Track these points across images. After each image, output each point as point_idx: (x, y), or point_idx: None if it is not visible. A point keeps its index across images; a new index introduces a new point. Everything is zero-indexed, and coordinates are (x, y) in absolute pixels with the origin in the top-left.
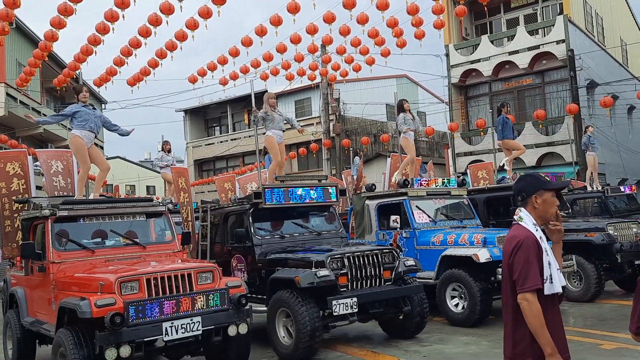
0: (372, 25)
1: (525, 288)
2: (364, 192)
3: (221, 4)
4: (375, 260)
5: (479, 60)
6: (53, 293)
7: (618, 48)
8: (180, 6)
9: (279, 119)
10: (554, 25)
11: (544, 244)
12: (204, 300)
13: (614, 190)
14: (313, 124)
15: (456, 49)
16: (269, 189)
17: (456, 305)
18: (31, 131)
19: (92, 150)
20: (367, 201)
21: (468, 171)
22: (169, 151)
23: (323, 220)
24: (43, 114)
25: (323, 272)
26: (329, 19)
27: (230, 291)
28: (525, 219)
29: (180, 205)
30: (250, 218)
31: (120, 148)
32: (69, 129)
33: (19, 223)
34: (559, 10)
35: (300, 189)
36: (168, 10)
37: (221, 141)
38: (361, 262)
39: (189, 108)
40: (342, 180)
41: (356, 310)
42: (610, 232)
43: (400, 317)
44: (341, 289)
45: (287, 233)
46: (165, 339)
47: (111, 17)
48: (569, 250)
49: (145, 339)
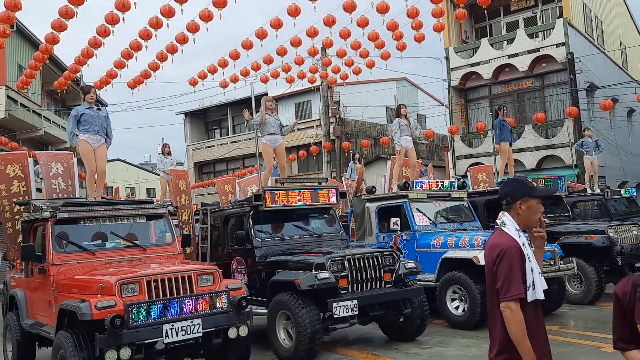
0: (372, 28)
1: (508, 297)
2: (364, 195)
3: (222, 7)
4: (376, 263)
5: (478, 63)
6: (53, 295)
7: (618, 51)
8: (181, 9)
9: (274, 123)
10: (553, 28)
11: (527, 250)
12: (204, 303)
13: (614, 193)
14: (313, 126)
15: (456, 52)
16: (269, 192)
17: (456, 307)
18: (32, 133)
19: (98, 150)
20: (368, 204)
21: (468, 174)
22: (169, 154)
23: (323, 223)
24: (44, 116)
25: (323, 275)
26: (330, 21)
27: (231, 293)
28: (508, 224)
29: (180, 208)
30: (250, 220)
31: (121, 150)
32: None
33: (20, 225)
34: (558, 14)
35: (300, 191)
36: (169, 13)
37: (221, 144)
38: (361, 265)
39: (190, 111)
40: (342, 182)
41: (356, 312)
42: (611, 235)
43: (401, 320)
44: (341, 292)
45: (288, 235)
46: (165, 341)
47: (112, 20)
48: (570, 252)
49: (145, 341)
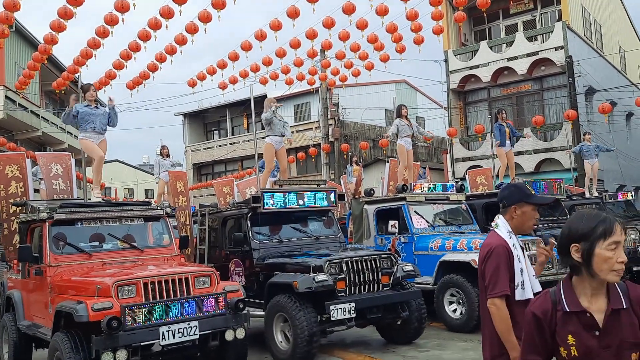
0: (372, 30)
1: (493, 294)
2: (363, 197)
3: (221, 8)
4: (374, 266)
5: (477, 66)
6: (50, 296)
7: (616, 55)
8: (180, 10)
9: (279, 124)
10: (552, 31)
11: (517, 251)
12: (201, 305)
13: (612, 196)
14: (312, 128)
15: (455, 55)
16: (268, 193)
17: (454, 310)
18: (30, 134)
19: (99, 144)
20: (366, 206)
21: (466, 177)
22: (167, 156)
23: (321, 225)
24: (43, 117)
25: (321, 277)
26: (329, 24)
27: (228, 295)
28: (500, 226)
29: (178, 209)
30: (248, 222)
31: (119, 151)
32: (68, 132)
33: (16, 226)
34: (557, 17)
35: (298, 193)
36: (168, 14)
37: (220, 145)
38: (359, 267)
39: (188, 112)
40: (341, 184)
41: (354, 315)
42: None
43: (398, 323)
44: (339, 294)
45: (286, 237)
46: (162, 343)
47: (111, 21)
48: None
49: (142, 343)
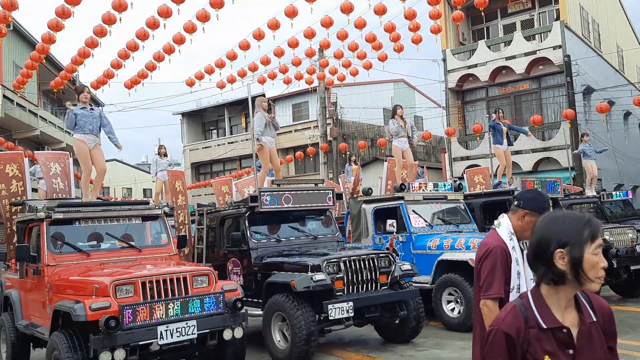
0: (370, 29)
1: (487, 295)
2: (361, 197)
3: (219, 7)
4: (372, 265)
5: (475, 65)
6: (48, 296)
7: (614, 54)
8: (178, 10)
9: (269, 124)
10: (550, 31)
11: (515, 254)
12: (199, 304)
13: (609, 195)
14: (310, 127)
15: (453, 54)
16: (266, 193)
17: (452, 309)
18: (28, 133)
19: (94, 150)
20: (364, 205)
21: (465, 176)
22: (165, 155)
23: (319, 224)
24: (41, 116)
25: (319, 276)
26: (327, 23)
27: (226, 295)
28: (503, 226)
29: (176, 209)
30: (246, 222)
31: (117, 151)
32: (65, 131)
33: (15, 225)
34: (555, 16)
35: (296, 192)
36: (166, 13)
37: (218, 144)
38: (357, 267)
39: (187, 111)
40: (339, 184)
41: (352, 314)
42: (607, 238)
43: (396, 322)
44: (337, 293)
45: (284, 237)
46: (160, 342)
47: (109, 20)
48: None
49: (140, 343)
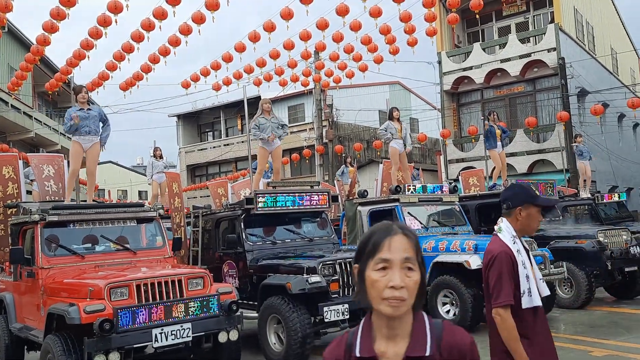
0: (365, 32)
1: (497, 303)
2: (356, 199)
3: (214, 9)
4: None
5: (471, 68)
6: (42, 299)
7: (608, 56)
8: (174, 11)
9: (273, 126)
10: (545, 33)
11: (521, 257)
12: (194, 307)
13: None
14: (306, 129)
15: (448, 57)
16: (261, 195)
17: (447, 311)
18: (22, 135)
19: (90, 150)
20: (359, 207)
21: (460, 178)
22: (160, 157)
23: (315, 227)
24: (35, 118)
25: (314, 279)
26: (322, 25)
27: (221, 297)
28: (504, 230)
29: (173, 210)
30: (242, 224)
31: (112, 153)
32: (60, 133)
33: (9, 228)
34: (550, 19)
35: (292, 195)
36: (161, 15)
37: (214, 146)
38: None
39: (182, 113)
40: (335, 186)
41: (347, 316)
42: (601, 240)
43: None
44: (332, 295)
45: (279, 239)
46: (155, 345)
47: (104, 22)
48: (560, 257)
49: (134, 346)
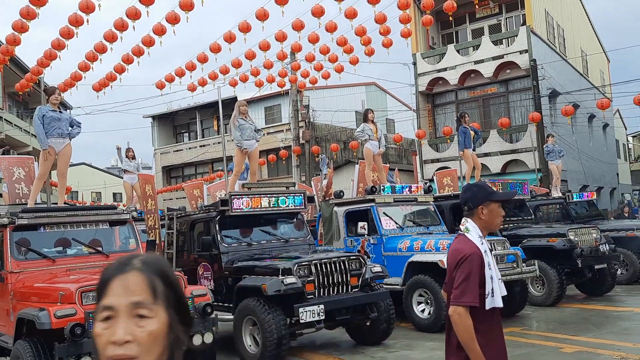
0: (341, 33)
1: (460, 302)
2: (332, 199)
3: (189, 10)
4: (342, 267)
5: (445, 69)
6: (11, 304)
7: (579, 58)
8: (147, 11)
9: (250, 128)
10: (517, 35)
11: (488, 258)
12: None
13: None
14: (282, 130)
15: (423, 58)
16: (236, 197)
17: (422, 310)
18: None
19: (62, 152)
20: (335, 208)
21: (435, 178)
22: (133, 158)
23: (291, 228)
24: (5, 119)
25: (290, 280)
26: (298, 26)
27: (196, 300)
28: (471, 230)
29: (146, 213)
30: (217, 225)
31: (86, 154)
32: (32, 135)
33: None
34: (522, 21)
35: (268, 196)
36: (135, 15)
37: (190, 148)
38: (328, 269)
39: (157, 114)
40: (312, 187)
41: (323, 317)
42: (571, 238)
43: (367, 324)
44: (308, 296)
45: (255, 240)
46: None
47: (76, 22)
48: (532, 255)
49: None
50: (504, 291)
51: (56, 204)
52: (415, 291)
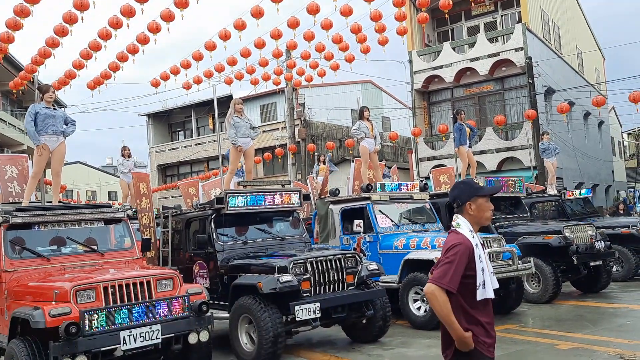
0: (336, 31)
1: (437, 282)
2: (328, 197)
3: (184, 7)
4: (338, 265)
5: (441, 67)
6: (6, 303)
7: (574, 56)
8: (142, 9)
9: (245, 126)
10: (512, 33)
11: (479, 251)
12: (163, 308)
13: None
14: (278, 128)
15: (419, 56)
16: (232, 194)
17: (418, 308)
18: None
19: (56, 150)
20: (331, 206)
21: (430, 175)
22: (129, 156)
23: (287, 226)
24: (1, 119)
25: (286, 278)
26: (293, 24)
27: (191, 298)
28: (462, 225)
29: (141, 211)
30: (212, 224)
31: (81, 153)
32: (26, 133)
33: None
34: (517, 19)
35: (263, 194)
36: (129, 13)
37: (185, 146)
38: (324, 267)
39: (152, 112)
40: (307, 185)
41: (319, 315)
42: (567, 235)
43: (363, 322)
44: (304, 294)
45: (251, 239)
46: (123, 348)
47: (70, 20)
48: (528, 252)
49: (102, 349)
50: (495, 284)
51: (51, 202)
52: (411, 289)
